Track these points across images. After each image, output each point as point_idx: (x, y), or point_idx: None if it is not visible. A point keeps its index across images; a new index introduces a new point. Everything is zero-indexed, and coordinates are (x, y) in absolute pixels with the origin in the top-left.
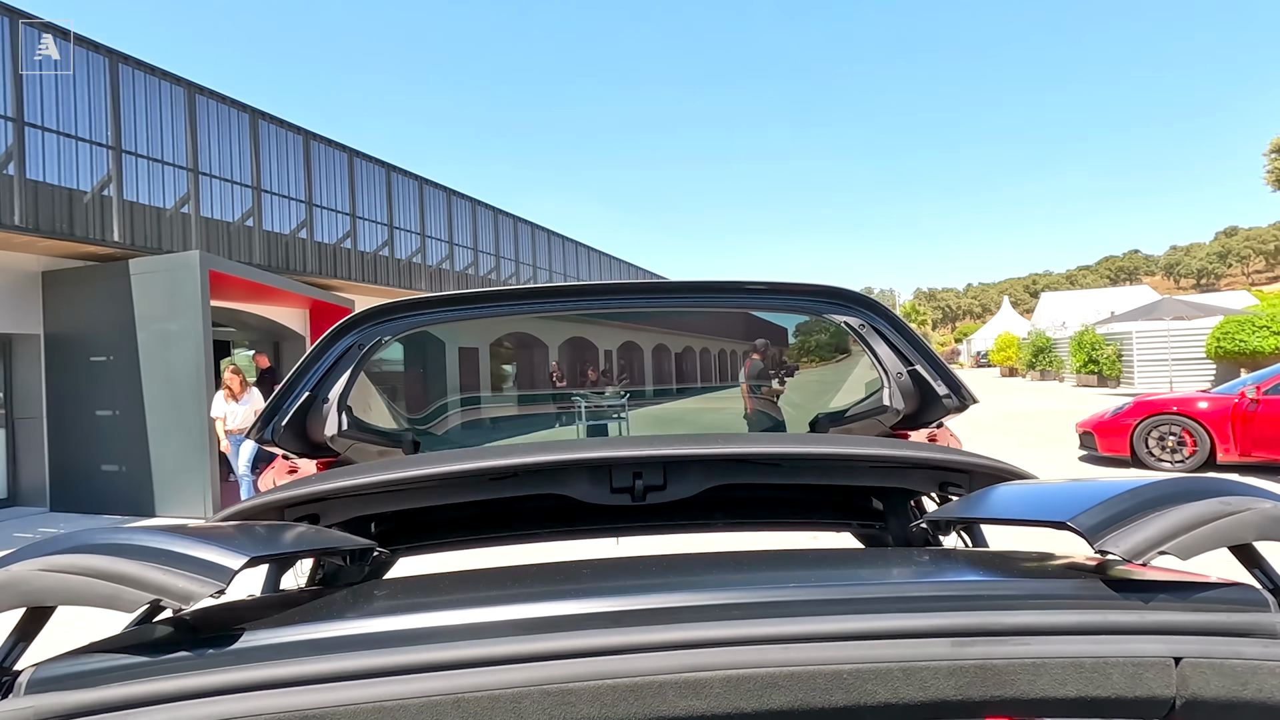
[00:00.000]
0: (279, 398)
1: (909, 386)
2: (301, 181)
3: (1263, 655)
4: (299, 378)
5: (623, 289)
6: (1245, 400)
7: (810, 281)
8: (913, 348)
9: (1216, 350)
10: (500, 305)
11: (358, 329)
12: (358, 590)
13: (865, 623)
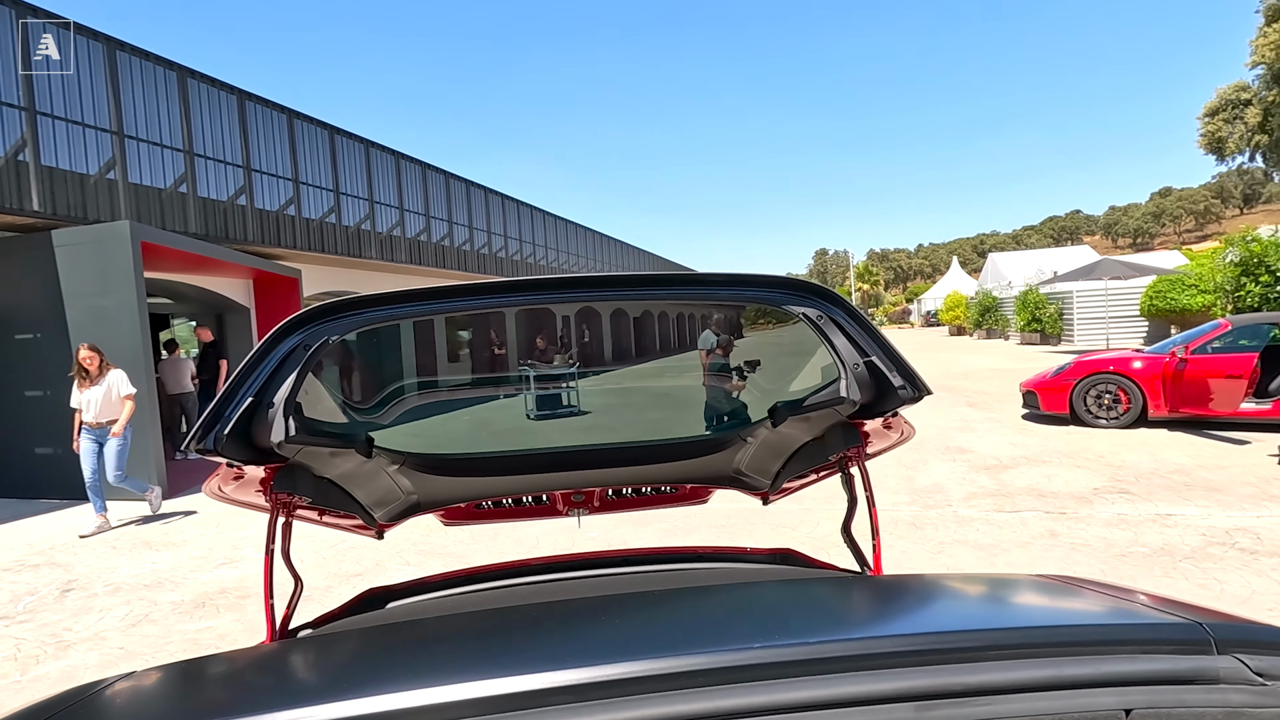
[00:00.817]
0: (221, 404)
1: (865, 377)
2: (238, 145)
3: (1205, 703)
4: (241, 382)
5: (582, 283)
6: (1175, 359)
7: (769, 274)
8: (869, 339)
9: (1149, 309)
10: (456, 302)
11: (304, 328)
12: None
13: (832, 689)
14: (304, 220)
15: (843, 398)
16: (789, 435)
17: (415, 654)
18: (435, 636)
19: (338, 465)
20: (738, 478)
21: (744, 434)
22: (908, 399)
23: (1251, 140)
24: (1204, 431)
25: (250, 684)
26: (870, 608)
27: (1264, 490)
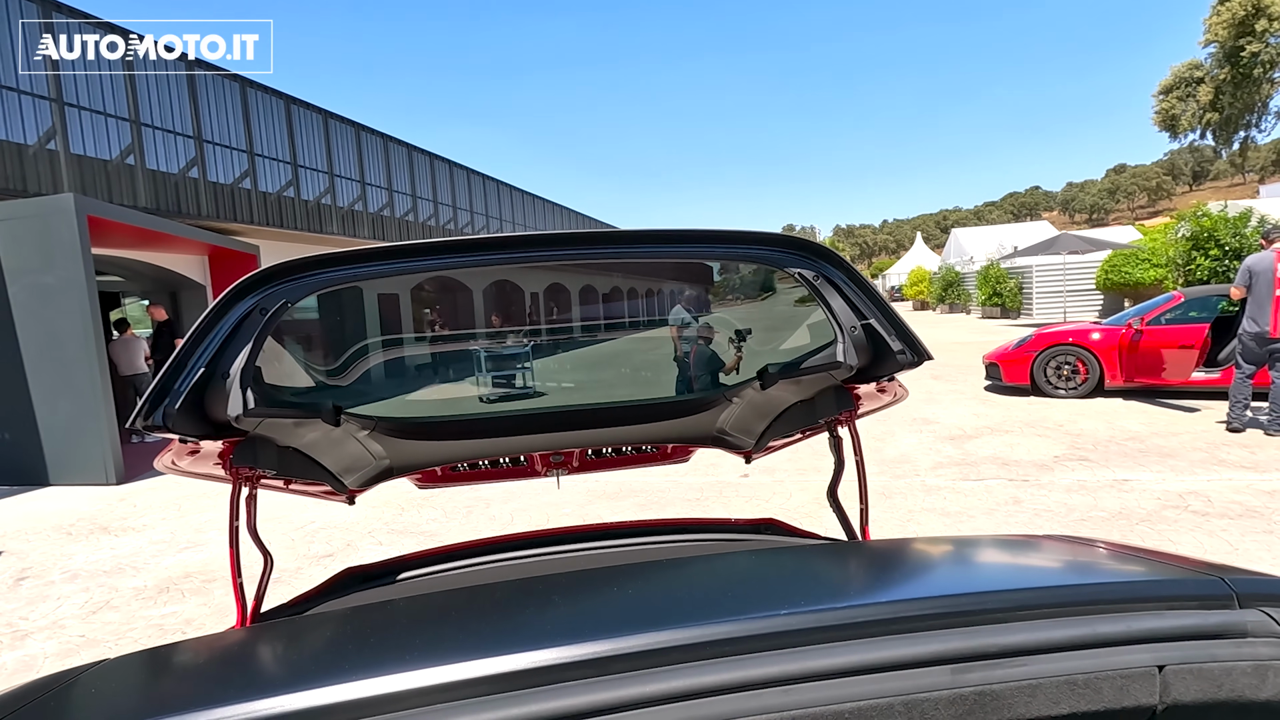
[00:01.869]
0: (169, 376)
1: (862, 341)
2: (188, 115)
3: (1235, 656)
4: (191, 351)
5: (559, 240)
6: (1131, 331)
7: (765, 231)
8: (868, 301)
9: (1105, 282)
10: (421, 260)
11: (258, 291)
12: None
13: (866, 654)
14: (260, 194)
15: (839, 362)
16: (777, 397)
17: (398, 636)
18: (417, 618)
19: (303, 434)
20: (721, 437)
21: (729, 394)
22: (906, 364)
23: (1203, 118)
24: (1158, 400)
25: (234, 668)
26: (893, 572)
27: (1213, 455)
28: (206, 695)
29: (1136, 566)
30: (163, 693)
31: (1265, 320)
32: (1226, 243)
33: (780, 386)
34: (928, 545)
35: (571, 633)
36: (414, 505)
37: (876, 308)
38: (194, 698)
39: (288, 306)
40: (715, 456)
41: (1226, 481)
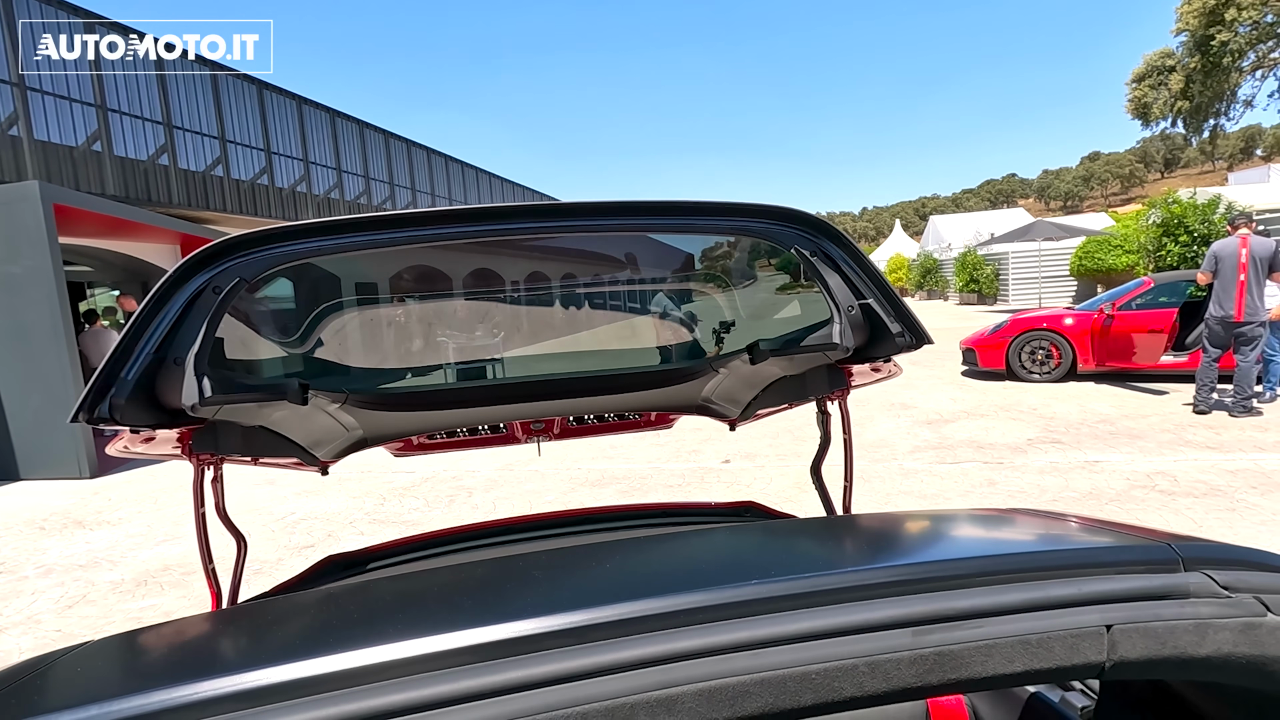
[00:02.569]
0: (114, 364)
1: (859, 321)
2: (157, 101)
3: (1178, 615)
4: (137, 336)
5: (540, 211)
6: (1103, 316)
7: (760, 202)
8: (867, 280)
9: (1079, 268)
10: (391, 232)
11: (209, 268)
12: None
13: (832, 619)
14: (233, 181)
15: (834, 344)
16: (767, 370)
17: (377, 612)
18: (394, 595)
19: (269, 413)
20: (706, 405)
21: (716, 365)
22: (905, 347)
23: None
24: (1128, 384)
25: (216, 645)
26: (860, 544)
27: (1180, 437)
28: (189, 671)
29: (1089, 535)
30: (144, 671)
31: (1230, 305)
32: (1195, 229)
33: (771, 361)
34: (892, 518)
35: (547, 606)
36: (395, 495)
37: (876, 287)
38: (177, 674)
39: (244, 284)
40: (697, 444)
41: (1192, 462)
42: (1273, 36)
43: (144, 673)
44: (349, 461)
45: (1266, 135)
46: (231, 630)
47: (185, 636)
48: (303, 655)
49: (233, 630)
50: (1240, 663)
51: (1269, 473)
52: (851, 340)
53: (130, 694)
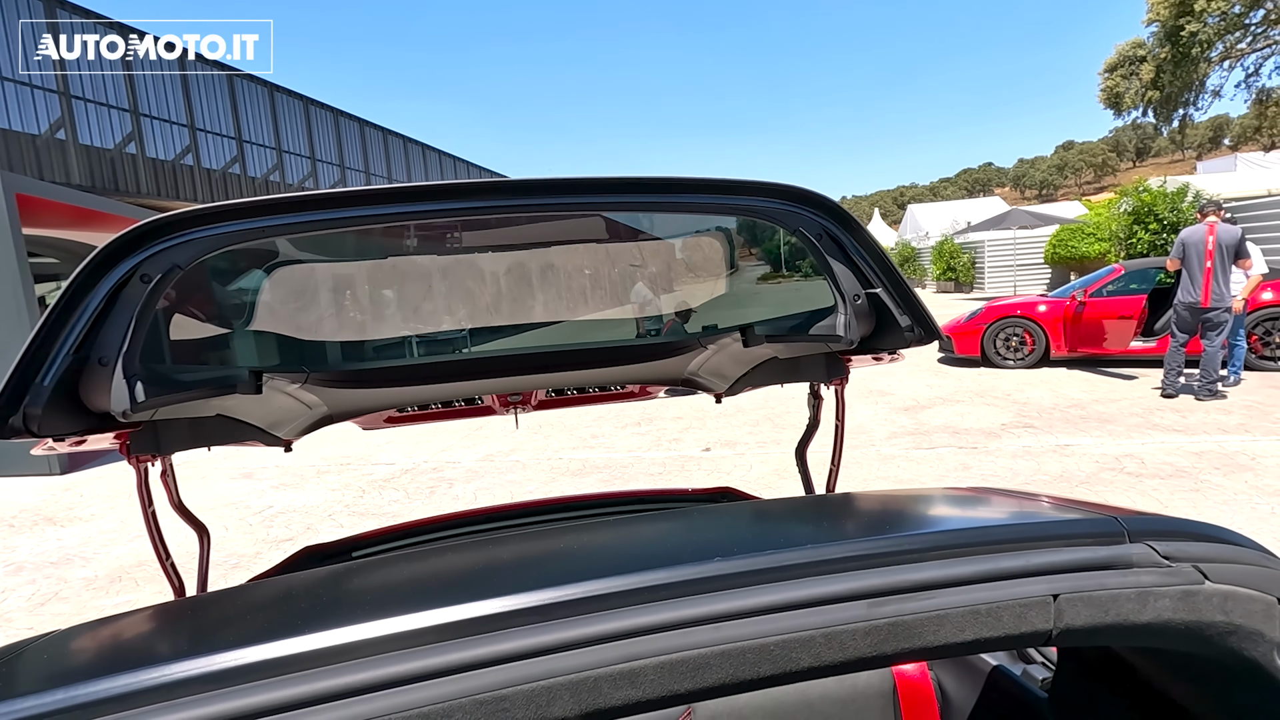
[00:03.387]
0: (24, 368)
1: (865, 311)
2: (123, 88)
3: (1121, 584)
4: (53, 333)
5: (523, 188)
6: (1075, 303)
7: (764, 180)
8: (876, 268)
9: (1053, 256)
10: (352, 210)
11: (137, 251)
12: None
13: (788, 593)
14: (204, 171)
15: (838, 336)
16: (760, 351)
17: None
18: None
19: (220, 403)
20: (692, 379)
21: (705, 341)
22: (914, 341)
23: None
24: (1099, 369)
25: (187, 629)
26: (819, 522)
27: (1148, 420)
28: (153, 656)
29: (1041, 510)
30: (114, 655)
31: (1197, 291)
32: (1165, 217)
33: (766, 344)
34: (851, 498)
35: (513, 586)
36: (375, 487)
37: (885, 276)
38: (140, 659)
39: (178, 271)
40: (677, 432)
41: (1159, 444)
42: (1240, 27)
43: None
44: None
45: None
46: (199, 616)
47: (151, 623)
48: (269, 638)
49: (200, 616)
50: (1179, 628)
51: (1231, 454)
52: (856, 333)
53: (93, 679)
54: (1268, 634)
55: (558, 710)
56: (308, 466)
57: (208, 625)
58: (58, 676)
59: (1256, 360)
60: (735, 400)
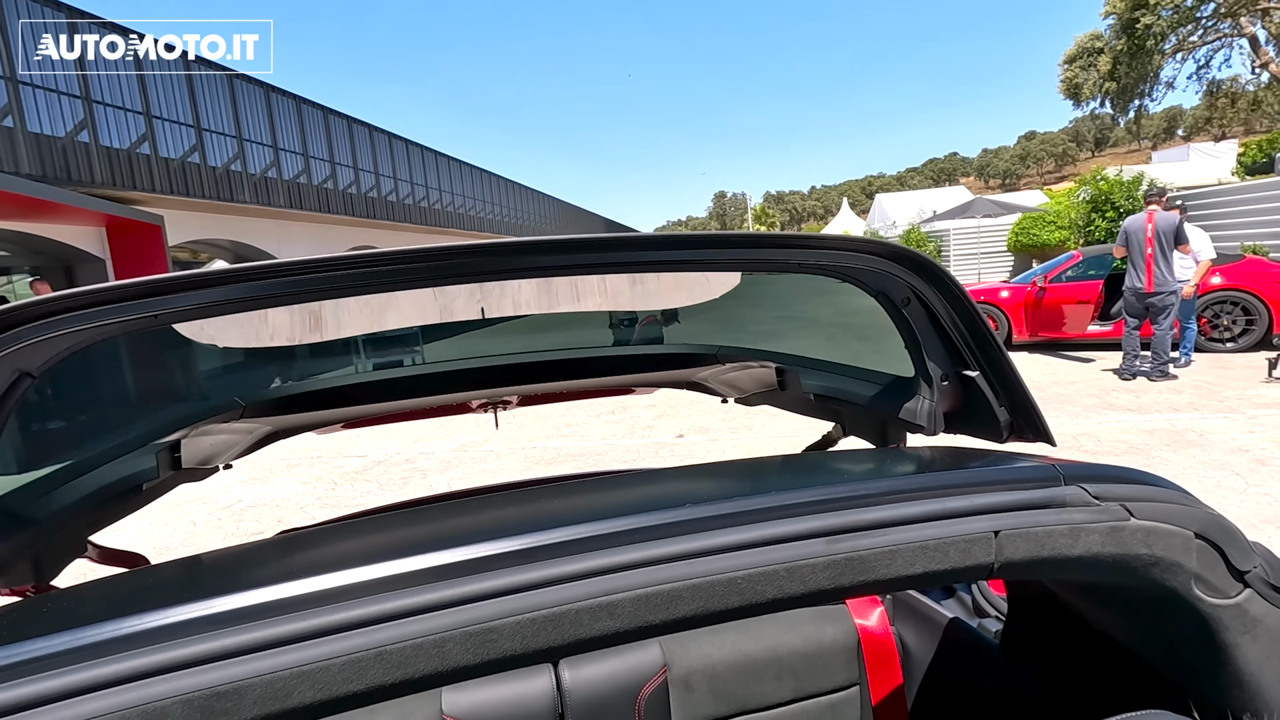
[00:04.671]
0: None
1: (953, 394)
2: (74, 75)
3: (1055, 521)
4: None
5: (564, 247)
6: (1035, 288)
7: (844, 236)
8: (975, 344)
9: (1015, 244)
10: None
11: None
12: (260, 552)
13: (754, 532)
14: (161, 160)
15: (913, 424)
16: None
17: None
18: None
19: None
20: (699, 385)
21: (726, 358)
22: (1011, 438)
23: (1103, 87)
24: (1059, 353)
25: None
26: (784, 473)
27: (1104, 400)
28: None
29: (984, 459)
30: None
31: (1141, 277)
32: (1121, 205)
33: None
34: (814, 455)
35: (498, 532)
36: (347, 480)
37: (984, 355)
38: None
39: (30, 380)
40: (651, 420)
41: (1114, 423)
42: (1191, 20)
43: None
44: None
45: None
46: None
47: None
48: (268, 583)
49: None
50: (1108, 561)
51: (1180, 431)
52: (939, 425)
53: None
54: (1185, 565)
55: (542, 640)
56: (277, 460)
57: (221, 574)
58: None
59: (1206, 342)
60: None
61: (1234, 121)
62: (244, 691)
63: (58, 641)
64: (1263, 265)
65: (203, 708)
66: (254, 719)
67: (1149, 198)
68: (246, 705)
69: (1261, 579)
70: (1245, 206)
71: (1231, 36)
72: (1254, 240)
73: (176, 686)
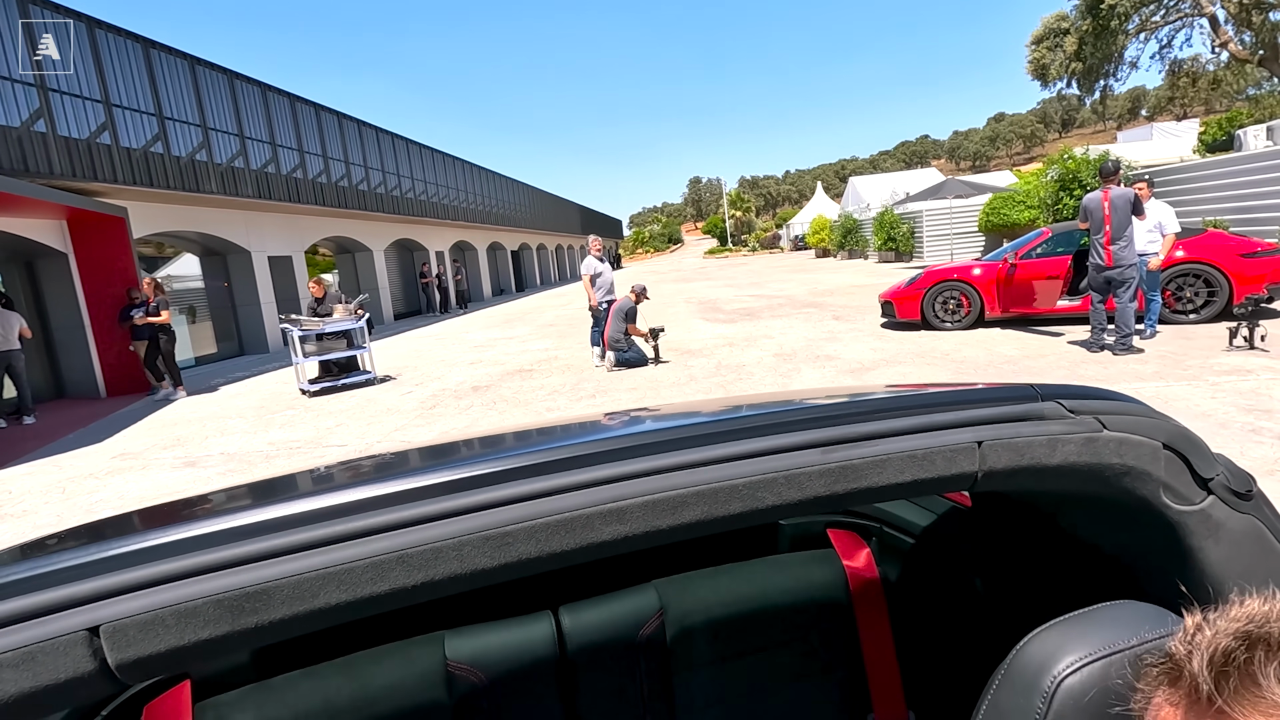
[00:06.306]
0: None
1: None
2: (25, 58)
3: (1034, 433)
4: None
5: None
6: (1006, 265)
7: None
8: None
9: (986, 224)
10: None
11: None
12: (289, 479)
13: (754, 444)
14: (123, 150)
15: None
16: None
17: (363, 470)
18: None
19: None
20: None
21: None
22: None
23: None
24: (1030, 328)
25: (235, 498)
26: (783, 398)
27: (1074, 372)
28: (215, 512)
29: (975, 384)
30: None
31: (1100, 253)
32: (1088, 183)
33: None
34: (813, 389)
35: (516, 448)
36: None
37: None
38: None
39: None
40: (631, 402)
41: None
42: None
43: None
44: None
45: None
46: (243, 491)
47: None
48: (295, 498)
49: (246, 491)
50: (1083, 469)
51: (1147, 400)
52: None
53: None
54: (1154, 473)
55: (555, 544)
56: (255, 453)
57: (250, 495)
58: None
59: (1170, 314)
60: (688, 369)
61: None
62: (272, 592)
63: (97, 550)
64: (1223, 239)
65: (233, 607)
66: (283, 618)
67: (1104, 175)
68: (275, 605)
69: (1224, 486)
70: (1207, 183)
71: (1192, 16)
72: (1215, 215)
73: (208, 588)
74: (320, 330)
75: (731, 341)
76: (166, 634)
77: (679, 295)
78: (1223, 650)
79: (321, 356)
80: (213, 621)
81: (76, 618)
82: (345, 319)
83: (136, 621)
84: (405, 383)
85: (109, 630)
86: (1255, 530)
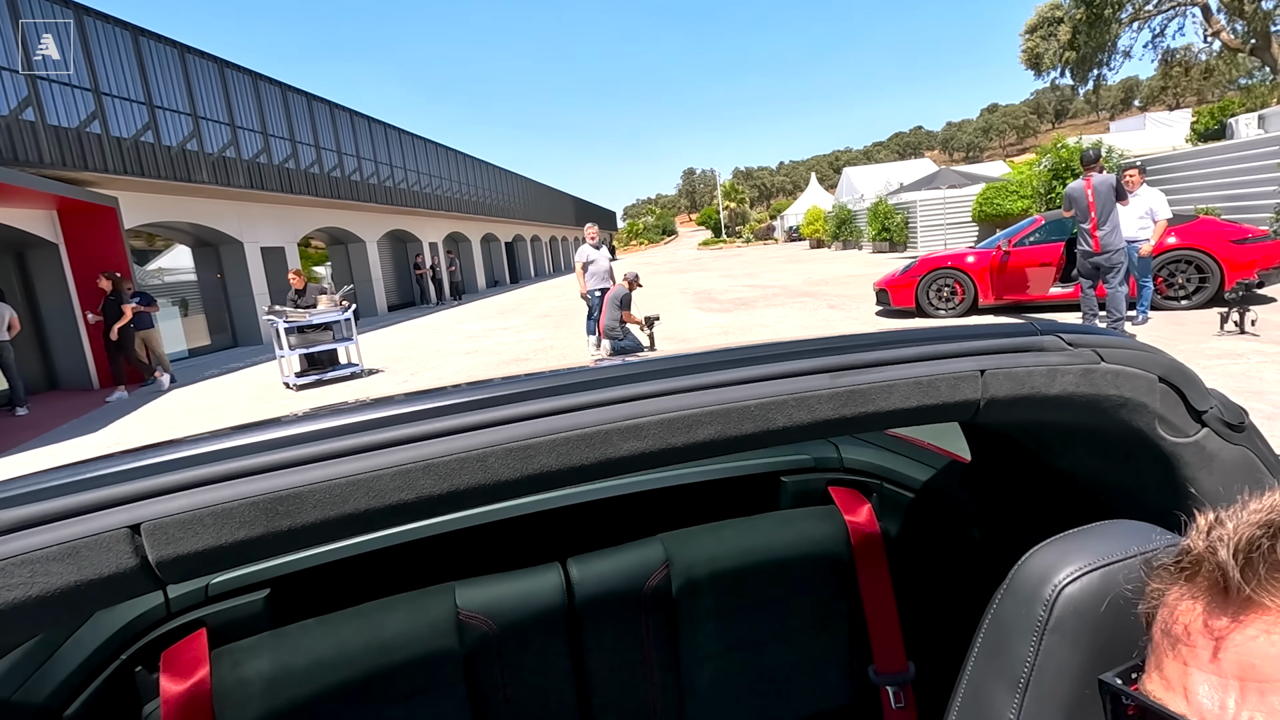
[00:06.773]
0: None
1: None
2: (12, 44)
3: (1034, 363)
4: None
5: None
6: (1000, 253)
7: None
8: None
9: (980, 214)
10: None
11: None
12: (323, 407)
13: (766, 368)
14: (113, 139)
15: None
16: None
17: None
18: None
19: None
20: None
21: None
22: None
23: (1063, 56)
24: (1024, 315)
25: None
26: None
27: None
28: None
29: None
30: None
31: (1088, 240)
32: (1080, 172)
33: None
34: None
35: (539, 371)
36: None
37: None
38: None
39: None
40: None
41: None
42: None
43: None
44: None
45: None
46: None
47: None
48: (328, 417)
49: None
50: (1082, 400)
51: None
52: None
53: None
54: (1149, 405)
55: (576, 458)
56: None
57: (284, 418)
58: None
59: (1161, 300)
60: (680, 330)
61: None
62: (305, 496)
63: (138, 457)
64: (1215, 225)
65: (268, 509)
66: (314, 521)
67: (1085, 163)
68: (307, 509)
69: (1218, 418)
70: (1199, 171)
71: (1185, 5)
72: (1207, 203)
73: (244, 490)
74: (306, 322)
75: (726, 330)
76: (205, 533)
77: (674, 285)
78: (1247, 539)
79: (305, 349)
80: (249, 523)
81: (118, 515)
82: (330, 310)
83: (176, 520)
84: (400, 373)
85: (150, 528)
86: (1247, 460)
